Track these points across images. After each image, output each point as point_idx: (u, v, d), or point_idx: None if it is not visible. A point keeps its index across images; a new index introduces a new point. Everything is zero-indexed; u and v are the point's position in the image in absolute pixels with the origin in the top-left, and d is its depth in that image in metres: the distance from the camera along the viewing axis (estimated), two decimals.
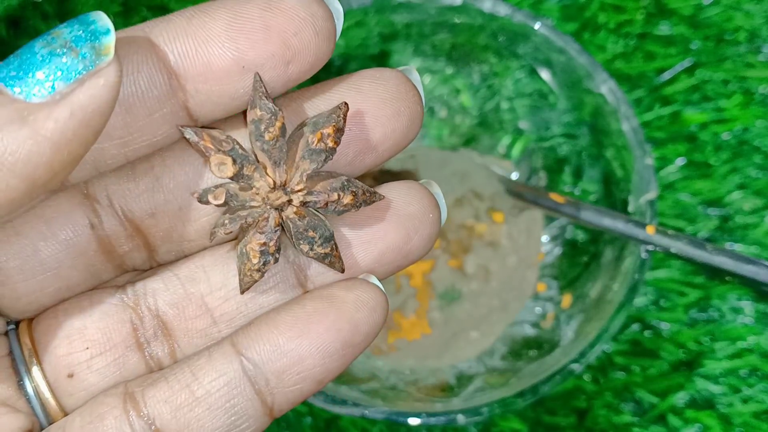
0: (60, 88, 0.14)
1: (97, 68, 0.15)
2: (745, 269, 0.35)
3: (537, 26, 0.35)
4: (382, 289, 0.18)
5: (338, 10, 0.17)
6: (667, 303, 0.37)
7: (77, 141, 0.15)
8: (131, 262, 0.18)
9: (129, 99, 0.16)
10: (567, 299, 0.36)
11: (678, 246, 0.34)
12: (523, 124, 0.39)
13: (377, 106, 0.18)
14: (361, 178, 0.18)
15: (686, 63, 0.40)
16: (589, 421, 0.36)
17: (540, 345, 0.35)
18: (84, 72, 0.15)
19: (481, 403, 0.32)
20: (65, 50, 0.15)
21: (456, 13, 0.36)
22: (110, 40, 0.15)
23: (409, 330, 0.37)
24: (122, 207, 0.18)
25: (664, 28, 0.41)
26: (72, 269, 0.18)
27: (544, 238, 0.38)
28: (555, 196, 0.36)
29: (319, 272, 0.18)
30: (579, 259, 0.37)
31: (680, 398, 0.36)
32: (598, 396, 0.36)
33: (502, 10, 0.35)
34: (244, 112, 0.18)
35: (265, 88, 0.16)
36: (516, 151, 0.39)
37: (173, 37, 0.16)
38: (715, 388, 0.36)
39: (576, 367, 0.32)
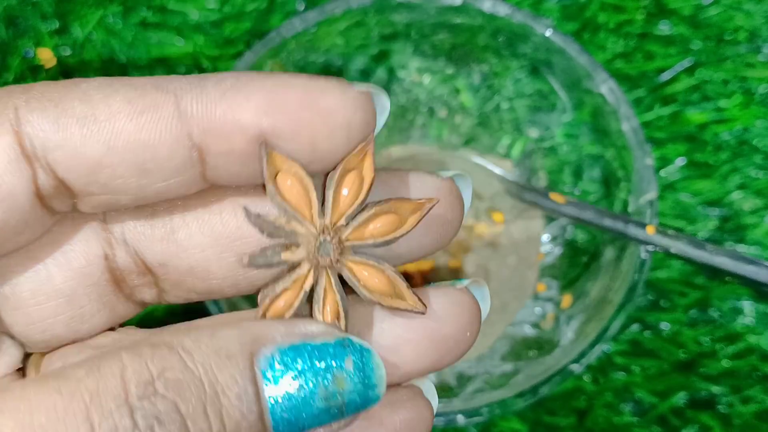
0: None
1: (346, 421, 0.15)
2: (746, 269, 0.35)
3: (548, 33, 0.35)
4: (433, 399, 0.17)
5: (384, 107, 0.16)
6: (667, 303, 0.37)
7: None
8: (141, 296, 0.18)
9: (146, 164, 0.15)
10: (567, 299, 0.36)
11: (678, 246, 0.34)
12: (523, 124, 0.39)
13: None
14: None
15: (686, 63, 0.40)
16: (589, 422, 0.36)
17: (540, 345, 0.35)
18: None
19: (481, 404, 0.32)
20: (336, 412, 0.14)
21: (456, 13, 0.36)
22: (376, 404, 0.15)
23: None
24: (135, 248, 0.17)
25: (664, 28, 0.41)
26: (85, 297, 0.17)
27: (544, 238, 0.38)
28: (555, 196, 0.36)
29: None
30: (579, 260, 0.37)
31: (680, 398, 0.36)
32: (598, 396, 0.36)
33: (502, 10, 0.35)
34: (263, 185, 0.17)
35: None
36: (516, 151, 0.39)
37: (203, 111, 0.15)
38: (716, 389, 0.36)
39: (576, 368, 0.32)
